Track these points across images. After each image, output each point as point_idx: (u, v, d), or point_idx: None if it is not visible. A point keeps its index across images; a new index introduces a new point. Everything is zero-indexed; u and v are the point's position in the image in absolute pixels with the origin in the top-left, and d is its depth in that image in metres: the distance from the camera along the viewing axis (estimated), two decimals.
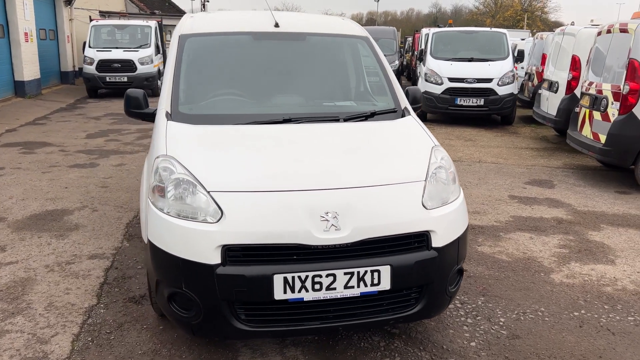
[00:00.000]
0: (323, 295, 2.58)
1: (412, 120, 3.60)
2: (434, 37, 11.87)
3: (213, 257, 2.52)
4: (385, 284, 2.64)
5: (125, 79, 15.45)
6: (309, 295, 2.57)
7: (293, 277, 2.54)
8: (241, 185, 2.70)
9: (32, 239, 4.54)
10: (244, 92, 3.83)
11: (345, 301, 2.64)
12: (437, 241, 2.74)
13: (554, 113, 8.90)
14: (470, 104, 10.84)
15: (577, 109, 7.58)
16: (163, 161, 2.90)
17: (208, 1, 21.73)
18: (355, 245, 2.60)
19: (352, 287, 2.60)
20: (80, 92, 16.72)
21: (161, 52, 17.10)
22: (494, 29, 12.45)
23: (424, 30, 16.61)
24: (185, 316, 2.66)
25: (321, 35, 4.25)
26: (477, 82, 10.76)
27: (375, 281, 2.63)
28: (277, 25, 4.08)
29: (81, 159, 7.63)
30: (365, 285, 2.62)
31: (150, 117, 3.74)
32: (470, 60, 11.19)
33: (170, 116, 3.38)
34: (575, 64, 8.50)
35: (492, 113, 11.10)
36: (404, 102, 3.81)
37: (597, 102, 6.67)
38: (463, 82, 10.80)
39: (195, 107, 3.55)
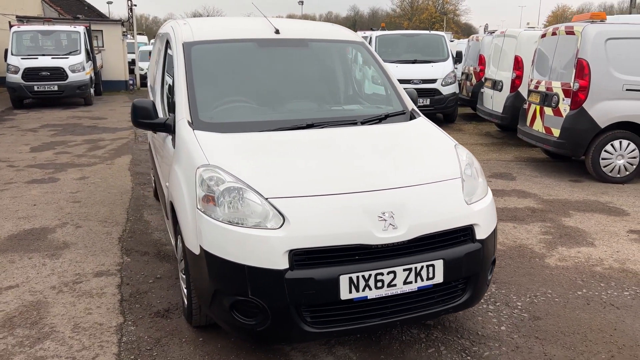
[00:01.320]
0: (385, 292, 2.69)
1: (425, 121, 3.78)
2: (377, 40, 12.23)
3: (281, 263, 2.56)
4: (439, 277, 2.79)
5: (56, 88, 14.63)
6: (372, 293, 2.67)
7: (357, 277, 2.63)
8: (298, 190, 2.75)
9: (22, 260, 4.28)
10: (256, 99, 3.85)
11: (402, 296, 2.76)
12: (480, 234, 2.93)
13: (500, 110, 9.49)
14: (418, 104, 11.26)
15: (525, 106, 8.14)
16: (207, 171, 2.89)
17: (135, 5, 20.99)
18: (412, 242, 2.73)
19: (410, 282, 2.73)
20: (3, 102, 15.63)
21: (92, 58, 16.36)
22: (433, 32, 13.02)
23: (360, 33, 17.03)
24: (249, 324, 2.67)
25: (322, 41, 4.35)
26: (423, 83, 11.22)
27: (430, 275, 2.77)
28: (277, 32, 4.12)
29: (37, 174, 7.21)
30: (422, 279, 2.75)
31: (161, 127, 3.67)
32: (414, 62, 11.64)
33: (193, 125, 3.35)
34: (518, 64, 9.11)
35: (437, 112, 11.60)
36: (410, 104, 3.98)
37: (547, 98, 7.21)
38: (409, 83, 11.21)
39: (215, 115, 3.53)
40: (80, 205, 5.77)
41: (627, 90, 6.54)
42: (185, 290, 3.24)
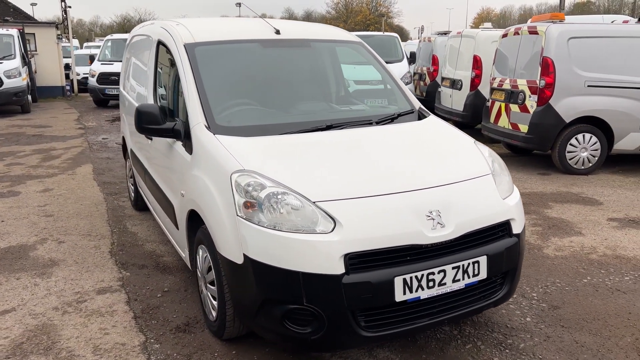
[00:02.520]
0: (436, 291, 2.69)
1: (437, 119, 3.82)
2: None
3: (338, 267, 2.49)
4: (483, 273, 2.82)
5: None
6: (424, 293, 2.66)
7: (411, 278, 2.61)
8: (345, 193, 2.70)
9: (10, 282, 3.95)
10: (267, 101, 3.76)
11: (450, 295, 2.76)
12: (516, 228, 2.99)
13: (461, 108, 9.77)
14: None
15: (488, 103, 8.42)
16: (244, 176, 2.77)
17: (70, 7, 19.93)
18: (459, 239, 2.74)
19: (459, 280, 2.74)
20: None
21: (27, 63, 15.42)
22: (387, 33, 13.23)
23: None
24: (303, 333, 2.58)
25: (322, 41, 4.31)
26: (374, 85, 11.34)
27: (476, 272, 2.79)
28: (278, 32, 4.04)
29: None
30: (469, 276, 2.77)
31: (169, 133, 3.50)
32: (363, 63, 11.73)
33: (211, 129, 3.22)
34: (477, 63, 9.42)
35: None
36: (417, 103, 4.01)
37: (513, 96, 7.49)
38: (368, 84, 11.31)
39: (232, 118, 3.41)
40: (54, 219, 5.40)
41: (588, 86, 6.90)
42: (213, 302, 3.10)
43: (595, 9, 67.77)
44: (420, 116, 3.84)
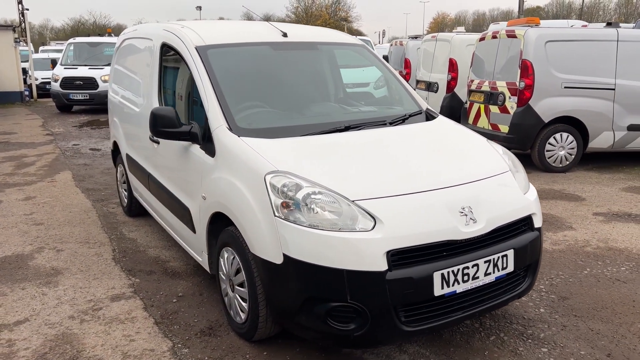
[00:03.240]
0: (470, 285, 2.77)
1: (447, 119, 3.93)
2: None
3: (382, 264, 2.55)
4: (511, 267, 2.93)
5: None
6: (460, 287, 2.74)
7: (448, 272, 2.69)
8: (382, 191, 2.75)
9: (15, 292, 3.82)
10: (282, 103, 3.79)
11: (482, 288, 2.85)
12: (537, 222, 3.12)
13: (437, 110, 9.98)
14: None
15: (466, 105, 8.65)
16: (278, 177, 2.80)
17: (28, 9, 19.25)
18: (489, 234, 2.84)
19: (490, 273, 2.84)
20: None
21: None
22: (359, 37, 13.37)
23: None
24: (346, 330, 2.62)
25: (329, 44, 4.37)
26: (356, 87, 11.47)
27: (504, 265, 2.90)
28: (285, 35, 4.08)
29: None
30: (498, 270, 2.87)
31: (186, 136, 3.48)
32: (346, 67, 11.86)
33: (235, 132, 3.22)
34: (452, 66, 9.67)
35: None
36: (424, 104, 4.11)
37: (493, 97, 7.74)
38: (365, 86, 11.45)
39: (252, 121, 3.41)
40: (45, 228, 5.24)
41: (565, 87, 7.20)
42: (242, 304, 3.09)
43: (545, 14, 70.30)
44: (428, 116, 3.94)
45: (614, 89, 7.28)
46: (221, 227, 3.33)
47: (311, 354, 3.04)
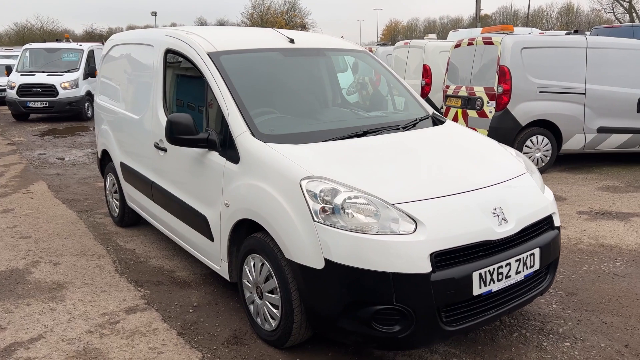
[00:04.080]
0: (504, 284, 2.86)
1: (456, 124, 4.03)
2: None
3: (426, 266, 2.60)
4: (537, 265, 3.04)
5: None
6: (495, 286, 2.82)
7: (485, 272, 2.76)
8: (419, 194, 2.81)
9: (21, 309, 3.66)
10: (295, 108, 3.81)
11: (513, 286, 2.94)
12: (556, 221, 3.25)
13: None
14: None
15: (442, 110, 8.86)
16: (314, 182, 2.81)
17: None
18: (519, 233, 2.94)
19: (520, 272, 2.94)
20: None
21: None
22: None
23: None
24: (390, 332, 2.65)
25: (335, 50, 4.40)
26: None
27: (532, 263, 3.00)
28: (292, 41, 4.09)
29: None
30: (527, 268, 2.98)
31: (204, 143, 3.44)
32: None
33: (259, 138, 3.21)
34: (426, 72, 9.89)
35: None
36: (429, 108, 4.21)
37: (471, 102, 7.97)
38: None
39: (272, 127, 3.41)
40: (34, 241, 5.03)
41: (540, 92, 7.50)
42: (273, 311, 3.07)
43: (492, 22, 72.71)
44: (435, 121, 4.03)
45: (584, 93, 7.63)
46: (243, 235, 3.31)
47: (344, 359, 3.05)
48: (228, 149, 3.34)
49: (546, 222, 3.18)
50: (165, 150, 4.02)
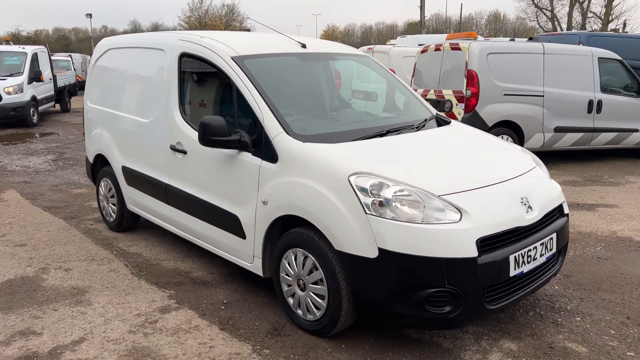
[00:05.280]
0: (532, 265, 3.18)
1: (462, 123, 4.35)
2: None
3: (474, 251, 2.86)
4: (554, 248, 3.38)
5: None
6: (526, 268, 3.14)
7: (518, 255, 3.07)
8: (459, 186, 3.08)
9: (49, 313, 3.62)
10: (318, 109, 3.99)
11: (537, 267, 3.27)
12: (565, 209, 3.61)
13: None
14: None
15: None
16: (363, 177, 3.01)
17: None
18: (541, 220, 3.27)
19: (543, 254, 3.27)
20: None
21: None
22: None
23: None
24: (442, 313, 2.89)
25: (343, 55, 4.62)
26: None
27: (551, 247, 3.35)
28: (304, 46, 4.28)
29: None
30: (548, 251, 3.32)
31: (236, 144, 3.57)
32: None
33: (297, 138, 3.38)
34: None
35: None
36: (433, 110, 4.51)
37: (440, 104, 8.40)
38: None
39: (304, 127, 3.58)
40: (33, 248, 4.92)
41: (504, 95, 8.04)
42: (319, 301, 3.23)
43: (426, 29, 75.31)
44: (440, 121, 4.33)
45: (542, 96, 8.25)
46: (277, 231, 3.46)
47: (386, 342, 3.26)
48: (263, 149, 3.48)
49: (559, 210, 3.54)
50: (184, 152, 4.09)
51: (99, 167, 5.55)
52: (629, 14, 63.28)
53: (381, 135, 3.67)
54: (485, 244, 2.93)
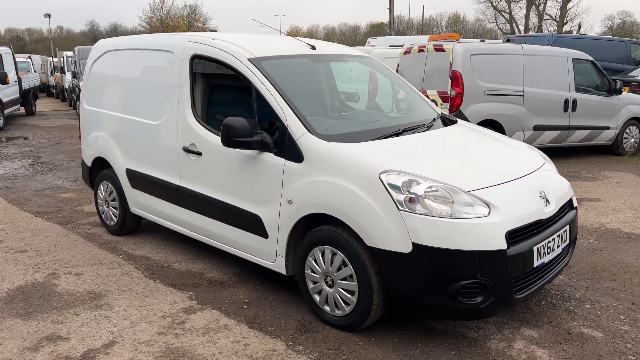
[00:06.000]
0: (551, 256, 3.35)
1: (468, 122, 4.50)
2: None
3: (503, 243, 3.00)
4: (567, 239, 3.57)
5: None
6: (546, 258, 3.30)
7: (540, 247, 3.23)
8: (485, 181, 3.22)
9: (71, 318, 3.58)
10: (334, 109, 4.07)
11: (554, 258, 3.44)
12: (574, 202, 3.81)
13: None
14: None
15: None
16: (392, 175, 3.12)
17: None
18: (557, 213, 3.45)
19: (559, 245, 3.45)
20: None
21: None
22: None
23: None
24: (474, 303, 3.02)
25: (351, 56, 4.71)
26: None
27: (565, 239, 3.53)
28: (313, 48, 4.36)
29: None
30: (563, 242, 3.49)
31: (259, 145, 3.62)
32: None
33: (322, 138, 3.46)
34: (372, 78, 10.41)
35: None
36: (438, 110, 4.66)
37: None
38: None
39: (326, 127, 3.66)
40: (36, 254, 4.82)
41: (487, 94, 8.30)
42: (348, 297, 3.31)
43: (388, 30, 76.26)
44: (445, 120, 4.47)
45: (522, 95, 8.55)
46: (300, 229, 3.52)
47: (413, 335, 3.37)
48: (287, 149, 3.54)
49: (569, 203, 3.72)
50: (199, 154, 4.10)
51: (97, 170, 5.48)
52: (583, 16, 65.61)
53: (397, 134, 3.77)
54: (513, 236, 3.08)
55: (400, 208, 3.03)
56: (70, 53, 21.61)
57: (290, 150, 3.53)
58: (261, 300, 3.88)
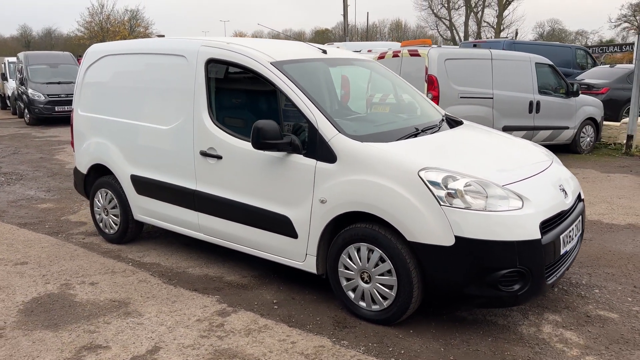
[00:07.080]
0: (571, 245, 3.60)
1: (473, 123, 4.73)
2: None
3: (538, 233, 3.21)
4: (581, 229, 3.83)
5: None
6: (568, 247, 3.55)
7: (564, 236, 3.47)
8: (514, 176, 3.42)
9: (103, 327, 3.50)
10: (354, 111, 4.17)
11: (572, 247, 3.69)
12: (582, 195, 4.09)
13: None
14: None
15: None
16: (431, 172, 3.27)
17: None
18: (574, 204, 3.70)
19: (576, 235, 3.70)
20: None
21: None
22: None
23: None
24: (512, 291, 3.20)
25: (359, 60, 4.84)
26: None
27: (579, 229, 3.79)
28: (324, 52, 4.48)
29: None
30: (578, 232, 3.75)
31: (288, 147, 3.69)
32: None
33: (352, 139, 3.56)
34: (345, 82, 10.61)
35: None
36: (442, 110, 4.87)
37: None
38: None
39: (355, 128, 3.77)
40: (39, 266, 4.65)
41: (460, 97, 8.65)
42: (387, 291, 3.42)
43: (333, 36, 77.10)
44: (450, 121, 4.67)
45: (492, 98, 8.97)
46: (330, 228, 3.61)
47: (448, 325, 3.53)
48: (318, 150, 3.62)
49: (579, 196, 4.00)
50: (219, 157, 4.11)
51: (93, 178, 5.34)
52: (518, 23, 68.86)
53: (416, 135, 3.93)
54: (544, 226, 3.29)
55: (442, 203, 3.18)
56: (12, 59, 20.63)
57: (322, 151, 3.61)
58: (289, 300, 3.93)
